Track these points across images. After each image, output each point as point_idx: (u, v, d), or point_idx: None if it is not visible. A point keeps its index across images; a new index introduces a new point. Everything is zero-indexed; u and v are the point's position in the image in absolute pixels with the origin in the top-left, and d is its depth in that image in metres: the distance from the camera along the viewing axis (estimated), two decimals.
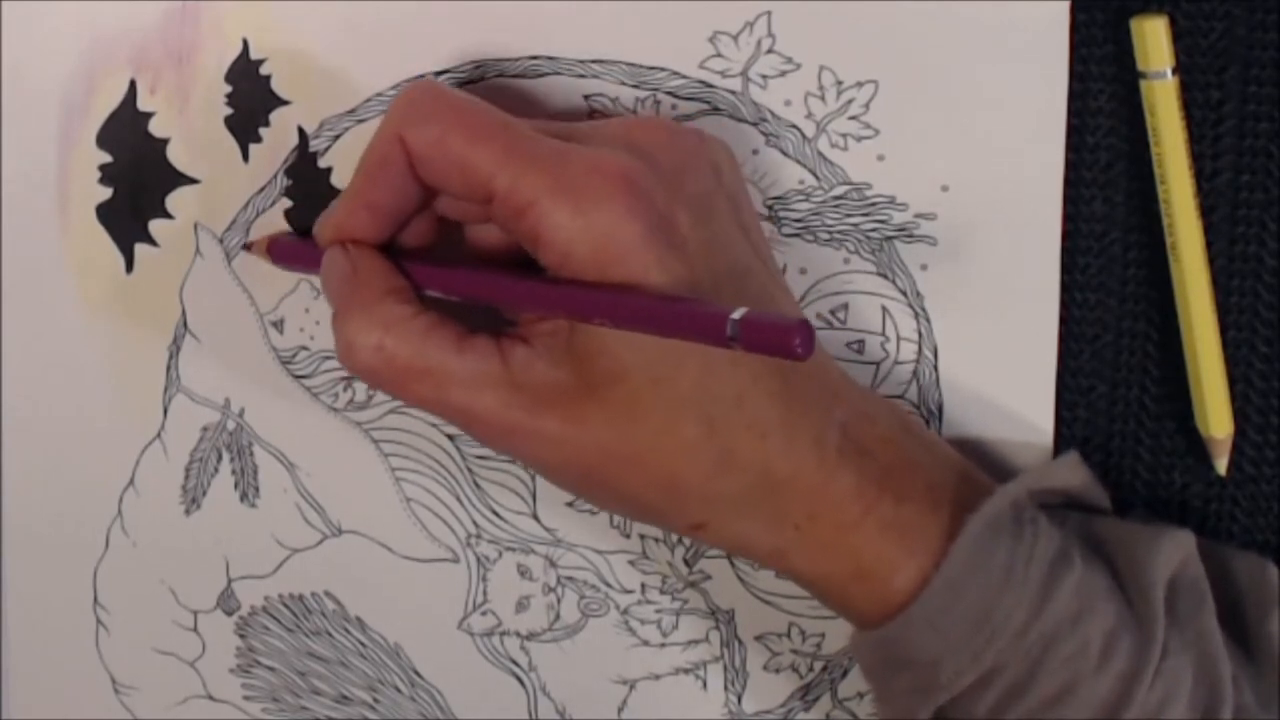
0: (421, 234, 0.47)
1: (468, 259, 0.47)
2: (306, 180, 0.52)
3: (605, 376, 0.42)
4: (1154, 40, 0.47)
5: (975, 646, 0.44)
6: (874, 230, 0.50)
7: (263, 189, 0.52)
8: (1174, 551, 0.46)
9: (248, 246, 0.52)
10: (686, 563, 0.53)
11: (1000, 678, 0.44)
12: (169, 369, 0.53)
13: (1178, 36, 0.48)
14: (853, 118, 0.49)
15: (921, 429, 0.48)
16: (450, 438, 0.53)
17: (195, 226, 0.52)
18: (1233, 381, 0.49)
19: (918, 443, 0.47)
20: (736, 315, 0.38)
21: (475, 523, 0.54)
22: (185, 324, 0.53)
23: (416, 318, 0.44)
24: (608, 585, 0.54)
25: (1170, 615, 0.45)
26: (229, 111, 0.51)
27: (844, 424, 0.45)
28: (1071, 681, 0.44)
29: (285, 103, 0.51)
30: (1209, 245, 0.49)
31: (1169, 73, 0.47)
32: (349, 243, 0.46)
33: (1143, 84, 0.48)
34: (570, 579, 0.54)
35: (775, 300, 0.45)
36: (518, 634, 0.55)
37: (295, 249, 0.50)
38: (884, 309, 0.50)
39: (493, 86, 0.50)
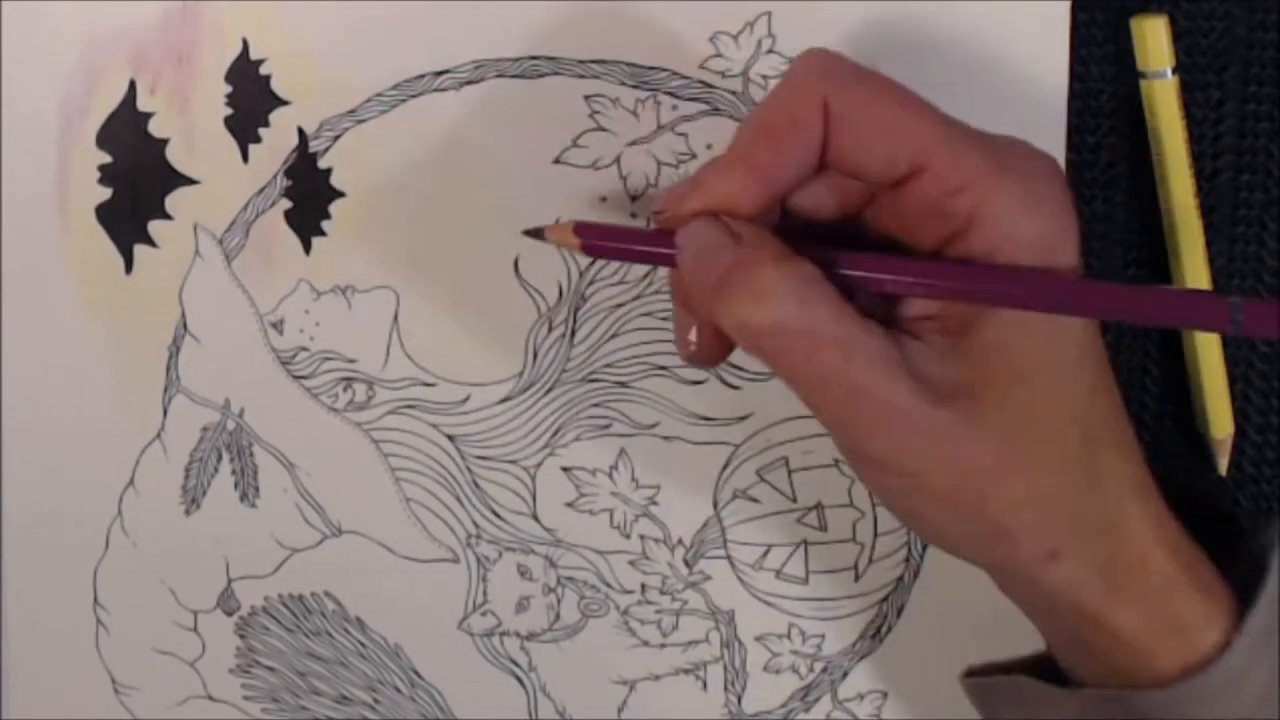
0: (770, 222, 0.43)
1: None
2: (306, 181, 0.52)
3: (1008, 375, 0.40)
4: (1154, 40, 0.47)
5: (1266, 712, 0.42)
6: None
7: (262, 189, 0.52)
8: None
9: (535, 233, 0.46)
10: (686, 563, 0.53)
11: None
12: (169, 369, 0.53)
13: (1178, 36, 0.48)
14: None
15: None
16: (450, 438, 0.53)
17: (195, 227, 0.52)
18: (1233, 381, 0.49)
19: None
20: (1235, 300, 0.38)
21: (475, 523, 0.54)
22: (185, 324, 0.53)
23: (827, 282, 0.40)
24: (608, 585, 0.54)
25: None
26: (229, 112, 0.51)
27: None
28: None
29: (285, 103, 0.51)
30: (1209, 245, 0.49)
31: (1169, 72, 0.47)
32: (721, 214, 0.41)
33: (1143, 84, 0.48)
34: (570, 579, 0.54)
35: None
36: (518, 634, 0.55)
37: (617, 232, 0.45)
38: None
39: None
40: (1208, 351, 0.49)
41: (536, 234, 0.45)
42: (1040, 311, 0.40)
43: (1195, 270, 0.48)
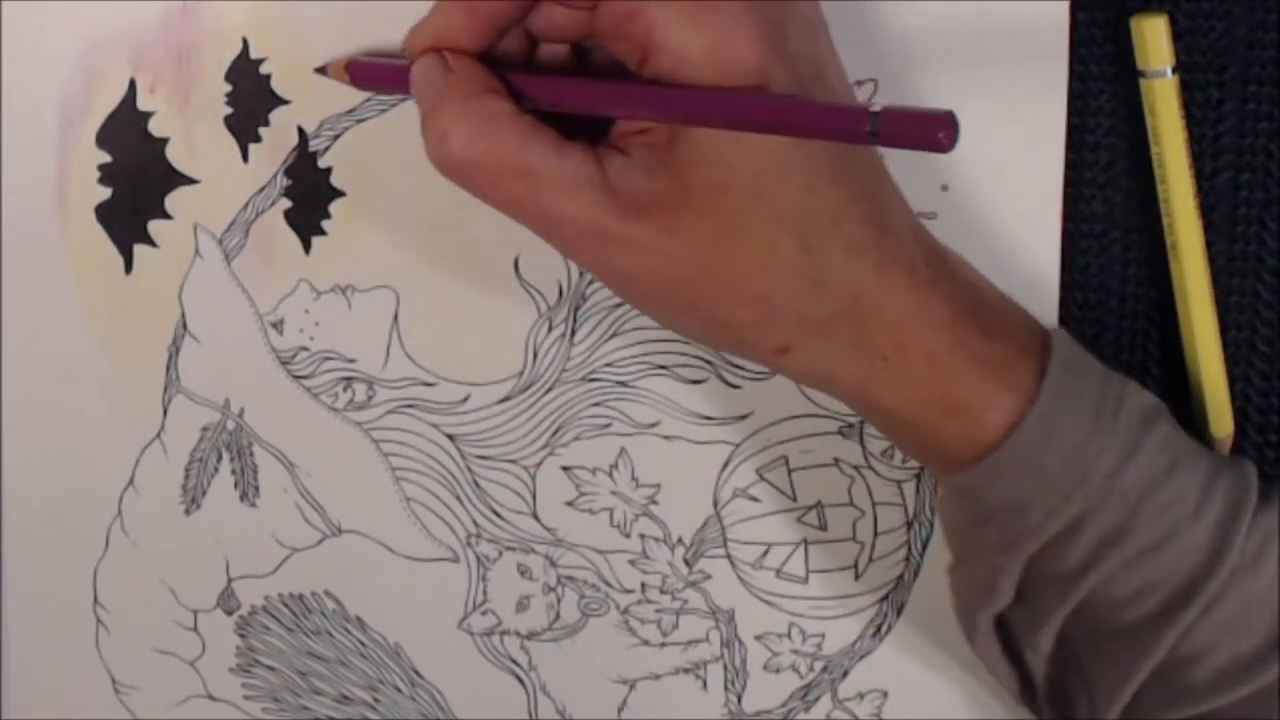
0: (513, 52, 0.46)
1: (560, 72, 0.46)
2: (306, 180, 0.52)
3: (706, 187, 0.41)
4: (1154, 39, 0.47)
5: (1066, 487, 0.44)
6: None
7: (262, 189, 0.52)
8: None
9: (322, 70, 0.50)
10: (686, 562, 0.53)
11: (1092, 524, 0.44)
12: (169, 369, 0.53)
13: (1178, 36, 0.48)
14: None
15: (996, 289, 0.47)
16: (450, 438, 0.53)
17: (195, 227, 0.52)
18: (1233, 381, 0.49)
19: (991, 289, 0.46)
20: (876, 108, 0.37)
21: (475, 522, 0.54)
22: (185, 324, 0.53)
23: (516, 116, 0.43)
24: (608, 585, 0.54)
25: (1261, 479, 0.45)
26: (229, 111, 0.51)
27: (929, 257, 0.44)
28: (1171, 528, 0.44)
29: (285, 102, 0.51)
30: (1209, 245, 0.49)
31: (1169, 72, 0.47)
32: (444, 49, 0.44)
33: (1143, 83, 0.48)
34: (570, 578, 0.54)
35: None
36: (518, 633, 0.55)
37: (376, 69, 0.48)
38: None
39: None
40: (1208, 352, 0.49)
41: (322, 70, 0.50)
42: (689, 125, 0.41)
43: (1195, 270, 0.48)
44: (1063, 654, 0.47)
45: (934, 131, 0.36)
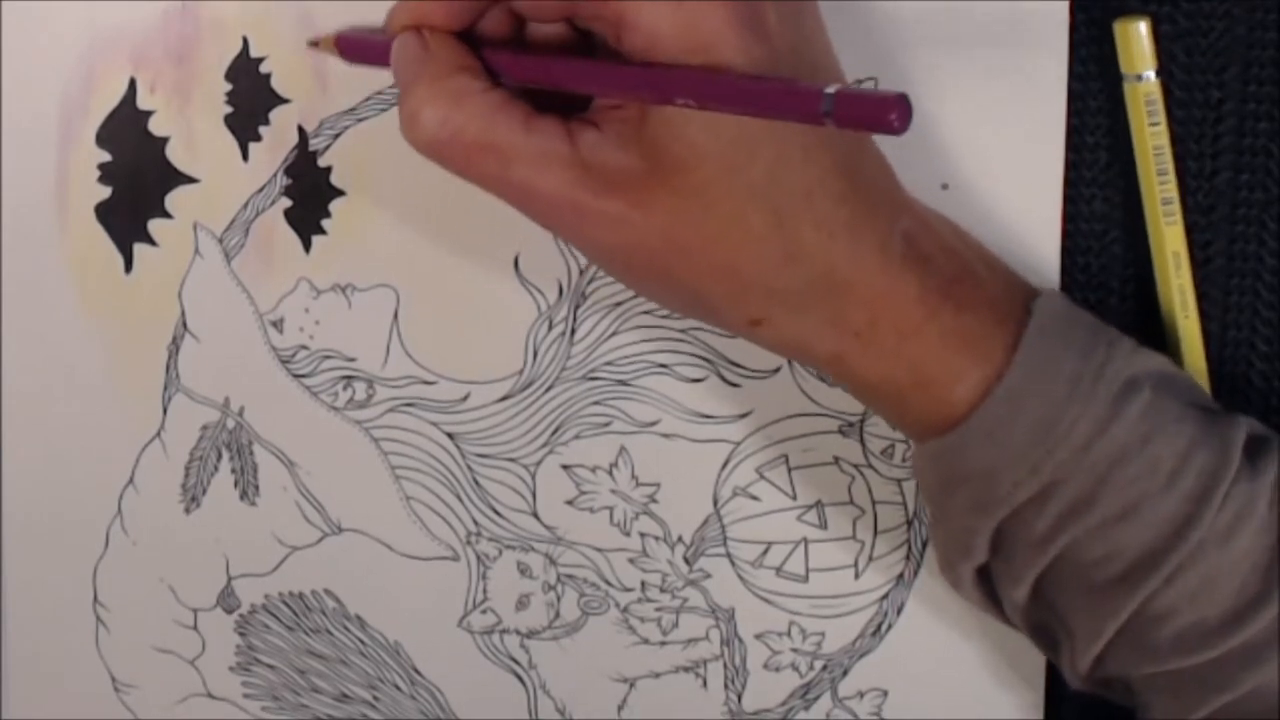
0: (495, 30, 0.46)
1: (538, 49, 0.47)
2: (306, 179, 0.52)
3: (677, 163, 0.42)
4: (1135, 42, 0.47)
5: (1034, 458, 0.44)
6: None
7: (262, 188, 0.52)
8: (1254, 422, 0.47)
9: (314, 43, 0.50)
10: (687, 561, 0.54)
11: (1061, 493, 0.44)
12: (168, 368, 0.53)
13: (1177, 36, 0.48)
14: None
15: (984, 247, 0.48)
16: (450, 436, 0.53)
17: (194, 226, 0.52)
18: (1233, 381, 0.50)
19: (979, 258, 0.46)
20: (830, 90, 0.37)
21: (475, 521, 0.54)
22: (185, 324, 0.53)
23: (485, 93, 0.43)
24: (608, 583, 0.54)
25: (1247, 450, 0.45)
26: (229, 110, 0.51)
27: (908, 233, 0.44)
28: (1136, 500, 0.44)
29: (285, 102, 0.51)
30: (1209, 245, 0.49)
31: (1152, 75, 0.47)
32: (423, 27, 0.45)
33: (1125, 86, 0.48)
34: (570, 577, 0.54)
35: None
36: (517, 632, 0.55)
37: (366, 44, 0.48)
38: None
39: None
40: (1191, 349, 0.49)
41: (315, 44, 0.50)
42: (652, 103, 0.42)
43: (1164, 269, 0.48)
44: (1041, 602, 0.47)
45: (886, 113, 0.36)
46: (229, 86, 0.51)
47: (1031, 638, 0.49)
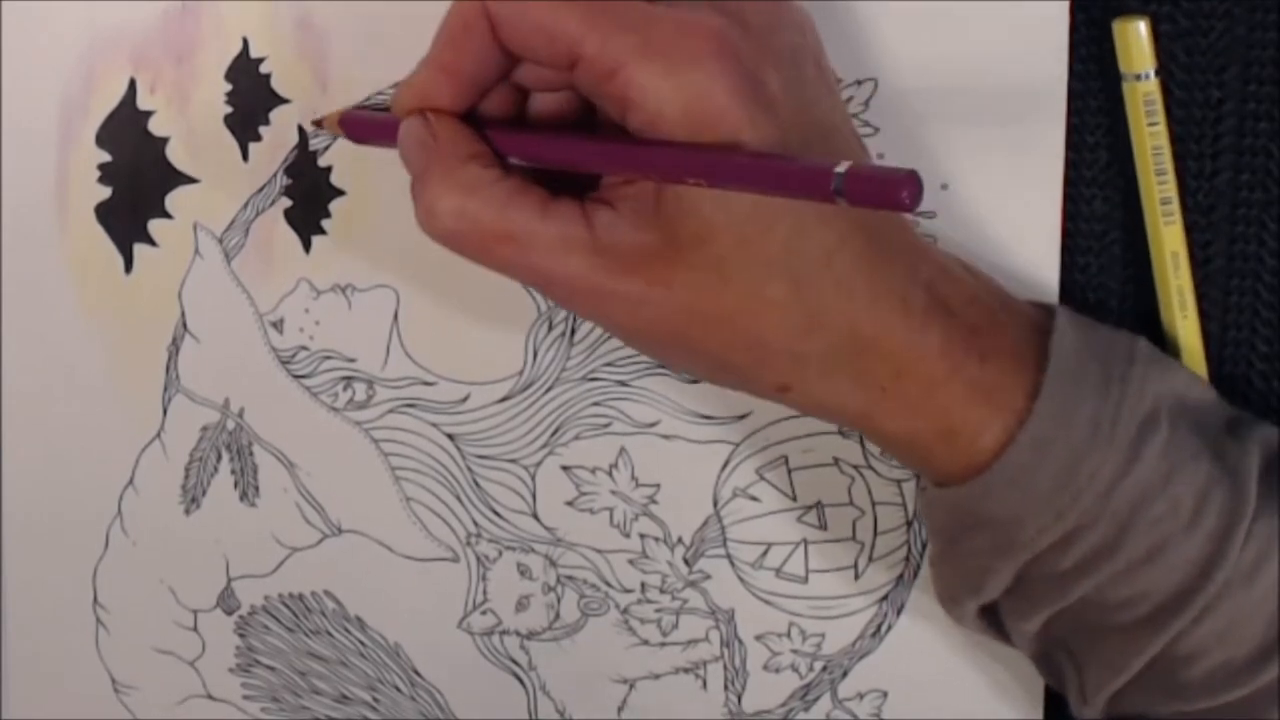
0: (501, 105, 0.46)
1: (545, 127, 0.47)
2: (306, 180, 0.52)
3: (692, 238, 0.42)
4: (1135, 42, 0.47)
5: (1059, 505, 0.44)
6: None
7: (262, 188, 0.52)
8: (1269, 430, 0.47)
9: (318, 123, 0.51)
10: (686, 562, 0.53)
11: (1085, 537, 0.44)
12: (168, 369, 0.53)
13: (1176, 36, 0.48)
14: (852, 115, 0.49)
15: (1002, 289, 0.47)
16: (450, 437, 0.53)
17: (195, 226, 0.52)
18: (1233, 381, 0.49)
19: (999, 302, 0.46)
20: (841, 169, 0.37)
21: (475, 522, 0.54)
22: (184, 324, 0.53)
23: (500, 182, 0.43)
24: (607, 584, 0.54)
25: (1263, 482, 0.45)
26: (229, 110, 0.51)
27: (929, 283, 0.44)
28: (1162, 542, 0.44)
29: (285, 102, 0.51)
30: (1209, 245, 0.49)
31: (1151, 74, 0.47)
32: (428, 111, 0.45)
33: (1124, 86, 0.48)
34: (570, 578, 0.54)
35: (858, 158, 0.45)
36: (517, 633, 0.55)
37: (370, 123, 0.49)
38: None
39: None
40: (1190, 347, 0.49)
41: (319, 124, 0.51)
42: (664, 182, 0.42)
43: (1164, 275, 0.48)
44: (1051, 636, 0.47)
45: (897, 192, 0.36)
46: (229, 86, 0.51)
47: (1035, 664, 0.49)
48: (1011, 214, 0.49)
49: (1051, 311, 0.46)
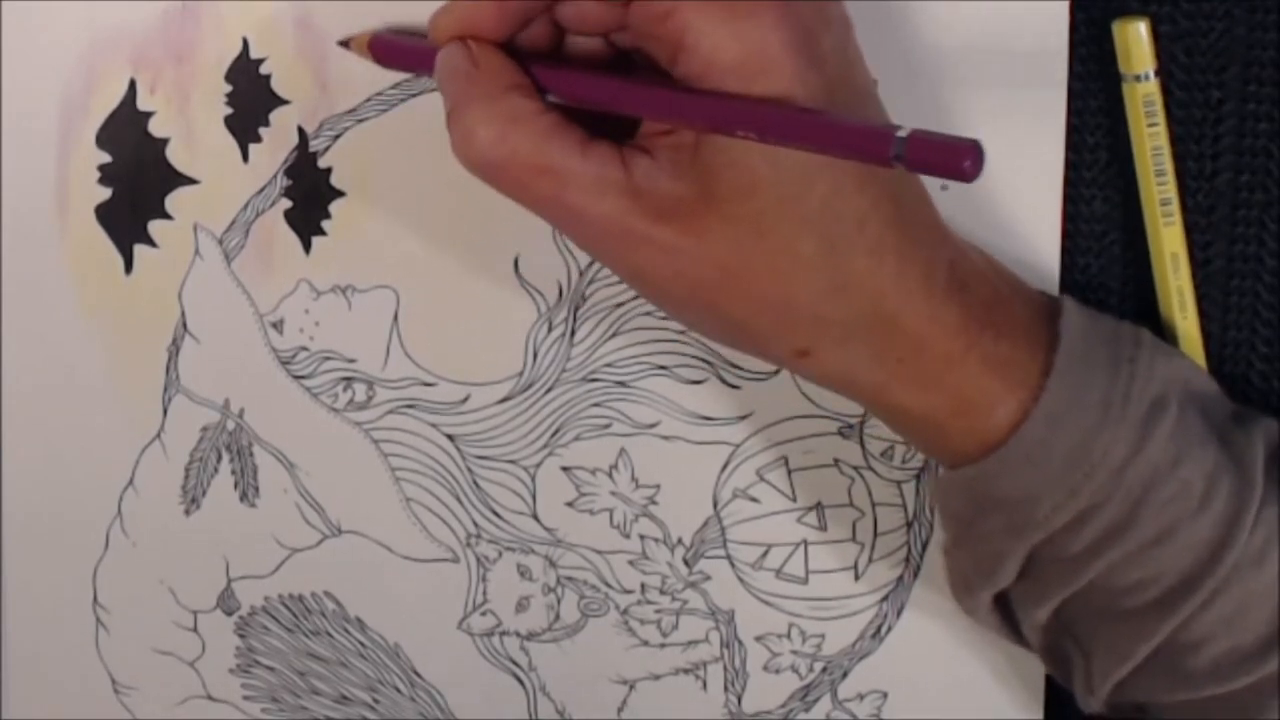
0: (539, 41, 0.46)
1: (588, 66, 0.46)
2: (306, 180, 0.52)
3: (731, 191, 0.42)
4: (1135, 43, 0.47)
5: (1073, 482, 0.44)
6: None
7: (262, 189, 0.52)
8: (1270, 423, 0.47)
9: (344, 43, 0.50)
10: (686, 563, 0.53)
11: (1098, 516, 0.44)
12: (168, 369, 0.53)
13: (1176, 36, 0.48)
14: None
15: (1013, 274, 0.48)
16: (450, 438, 0.53)
17: (194, 227, 0.52)
18: (1233, 381, 0.49)
19: (1011, 286, 0.46)
20: (903, 133, 0.37)
21: (475, 523, 0.54)
22: (185, 325, 0.53)
23: (542, 115, 0.43)
24: (607, 585, 0.54)
25: (1268, 471, 0.45)
26: (229, 111, 0.51)
27: (950, 260, 0.44)
28: (1172, 524, 0.44)
29: (285, 102, 0.51)
30: (1209, 245, 0.49)
31: (1150, 75, 0.47)
32: (469, 38, 0.44)
33: (1124, 86, 0.48)
34: (570, 579, 0.54)
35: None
36: (517, 634, 0.55)
37: (402, 47, 0.48)
38: None
39: None
40: (1189, 348, 0.49)
41: (345, 44, 0.50)
42: (712, 133, 0.41)
43: (1163, 272, 0.48)
44: (1060, 624, 0.47)
45: (960, 160, 0.36)
46: (229, 87, 0.51)
47: (1042, 657, 0.49)
48: (1011, 214, 0.49)
49: (1057, 298, 0.47)
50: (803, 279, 0.42)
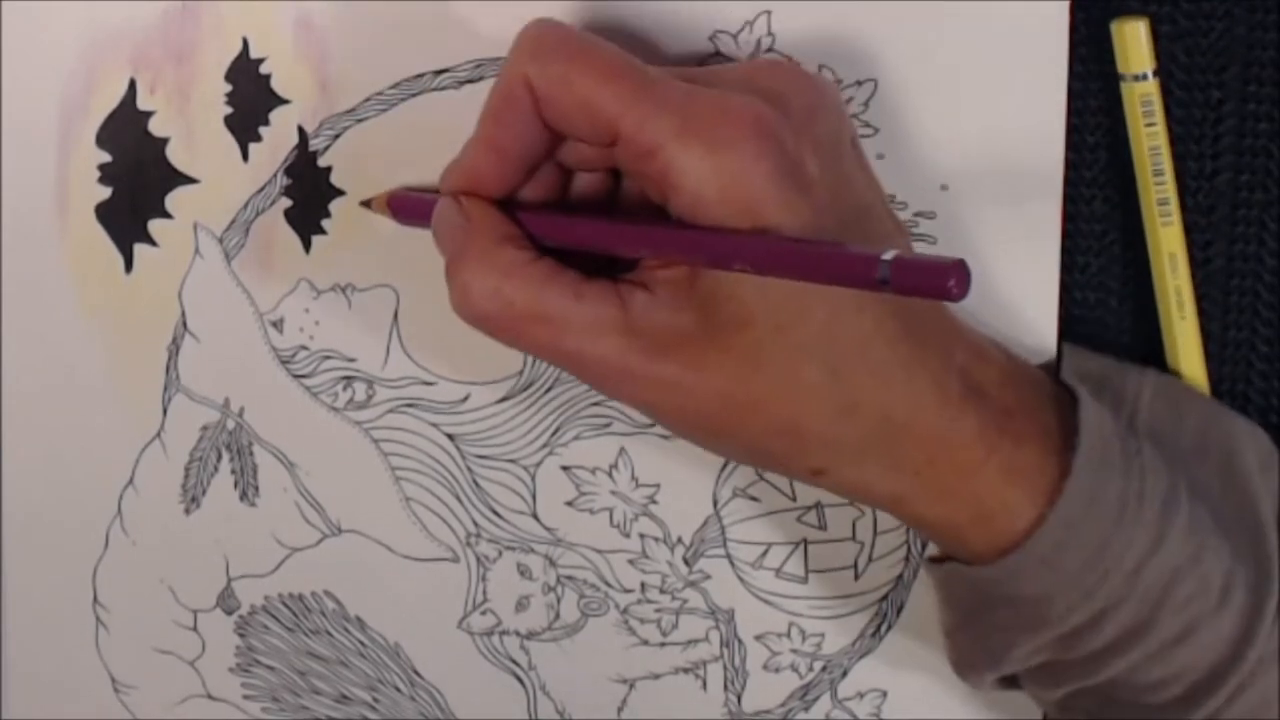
0: (544, 187, 0.46)
1: (582, 208, 0.46)
2: (306, 180, 0.52)
3: (729, 322, 0.42)
4: (1133, 43, 0.47)
5: (1088, 584, 0.44)
6: None
7: (262, 189, 0.52)
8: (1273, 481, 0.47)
9: (366, 203, 0.51)
10: (686, 562, 0.53)
11: (1115, 616, 0.44)
12: (168, 369, 0.53)
13: (1176, 36, 0.48)
14: (852, 116, 0.49)
15: (1030, 368, 0.48)
16: (450, 437, 0.53)
17: (195, 226, 0.52)
18: (1233, 381, 0.50)
19: (1030, 383, 0.46)
20: (888, 257, 0.36)
21: (475, 522, 0.54)
22: (185, 324, 0.53)
23: (534, 263, 0.43)
24: (607, 584, 0.54)
25: None
26: (229, 111, 0.51)
27: (964, 367, 0.44)
28: (1193, 622, 0.44)
29: (285, 102, 0.51)
30: (1209, 245, 0.49)
31: (1149, 75, 0.47)
32: (461, 194, 0.45)
33: (1123, 86, 0.48)
34: (570, 578, 0.54)
35: (895, 240, 0.45)
36: (517, 633, 0.55)
37: (419, 203, 0.49)
38: None
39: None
40: (1188, 356, 0.49)
41: (367, 204, 0.51)
42: (703, 267, 0.42)
43: (1162, 275, 0.48)
44: (1075, 707, 0.47)
45: (944, 281, 0.35)
46: (229, 87, 0.51)
47: None
48: (1011, 214, 0.49)
49: (1069, 386, 0.46)
50: (809, 404, 0.43)
